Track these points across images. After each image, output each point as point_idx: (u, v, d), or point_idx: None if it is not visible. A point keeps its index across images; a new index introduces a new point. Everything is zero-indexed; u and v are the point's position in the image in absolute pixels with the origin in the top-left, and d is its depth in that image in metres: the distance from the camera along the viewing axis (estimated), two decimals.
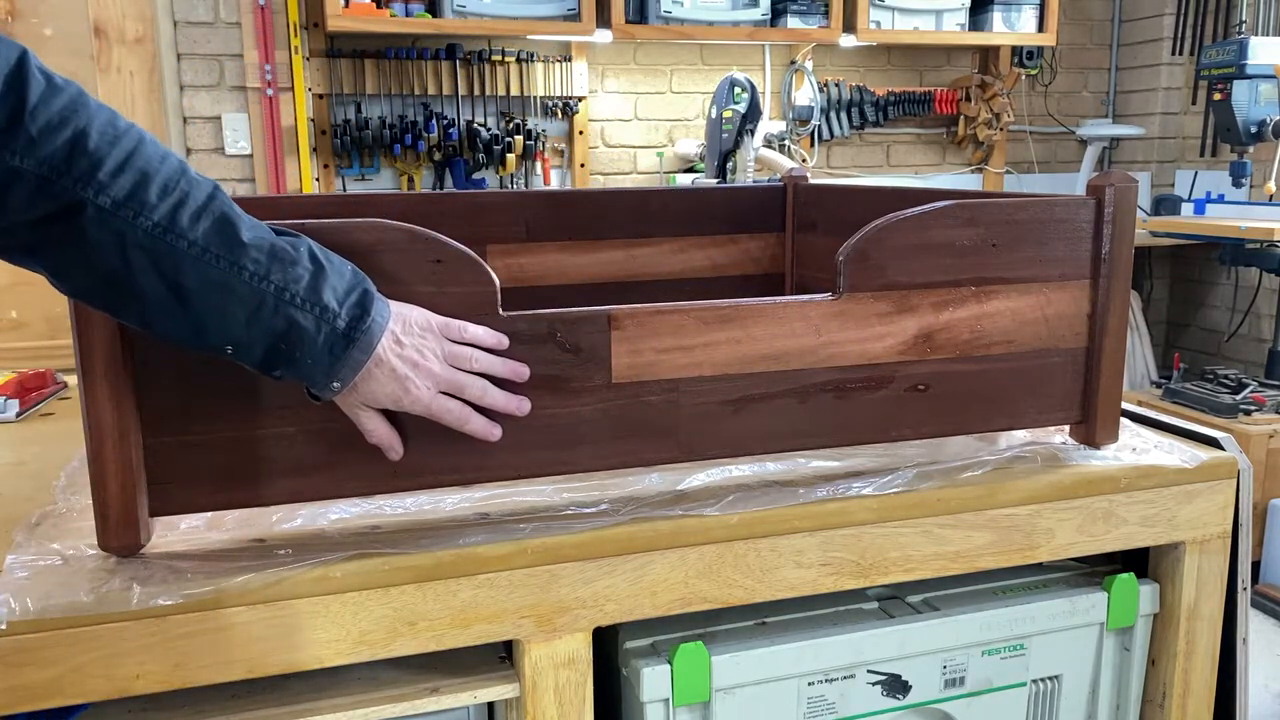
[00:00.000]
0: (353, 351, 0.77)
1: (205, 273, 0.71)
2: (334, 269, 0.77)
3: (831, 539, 0.95)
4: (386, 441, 0.83)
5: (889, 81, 3.98)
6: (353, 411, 0.81)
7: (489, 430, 0.85)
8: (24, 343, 3.11)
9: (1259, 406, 2.98)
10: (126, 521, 0.80)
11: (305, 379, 0.78)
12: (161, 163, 0.70)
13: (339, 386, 0.78)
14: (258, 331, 0.74)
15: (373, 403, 0.81)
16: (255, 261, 0.73)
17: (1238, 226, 3.21)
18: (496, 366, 0.85)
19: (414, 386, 0.80)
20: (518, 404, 0.86)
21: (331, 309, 0.75)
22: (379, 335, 0.78)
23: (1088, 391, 1.05)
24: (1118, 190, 1.00)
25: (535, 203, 1.39)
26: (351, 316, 0.76)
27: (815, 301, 0.93)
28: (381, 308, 0.79)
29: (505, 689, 0.89)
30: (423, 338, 0.81)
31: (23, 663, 0.75)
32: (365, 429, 0.82)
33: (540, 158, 3.54)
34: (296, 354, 0.75)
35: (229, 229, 0.72)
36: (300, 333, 0.74)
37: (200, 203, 0.71)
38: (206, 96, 3.19)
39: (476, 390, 0.84)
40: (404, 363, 0.80)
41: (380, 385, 0.79)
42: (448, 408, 0.83)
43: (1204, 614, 1.10)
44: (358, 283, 0.78)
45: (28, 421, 1.34)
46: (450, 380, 0.82)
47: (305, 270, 0.75)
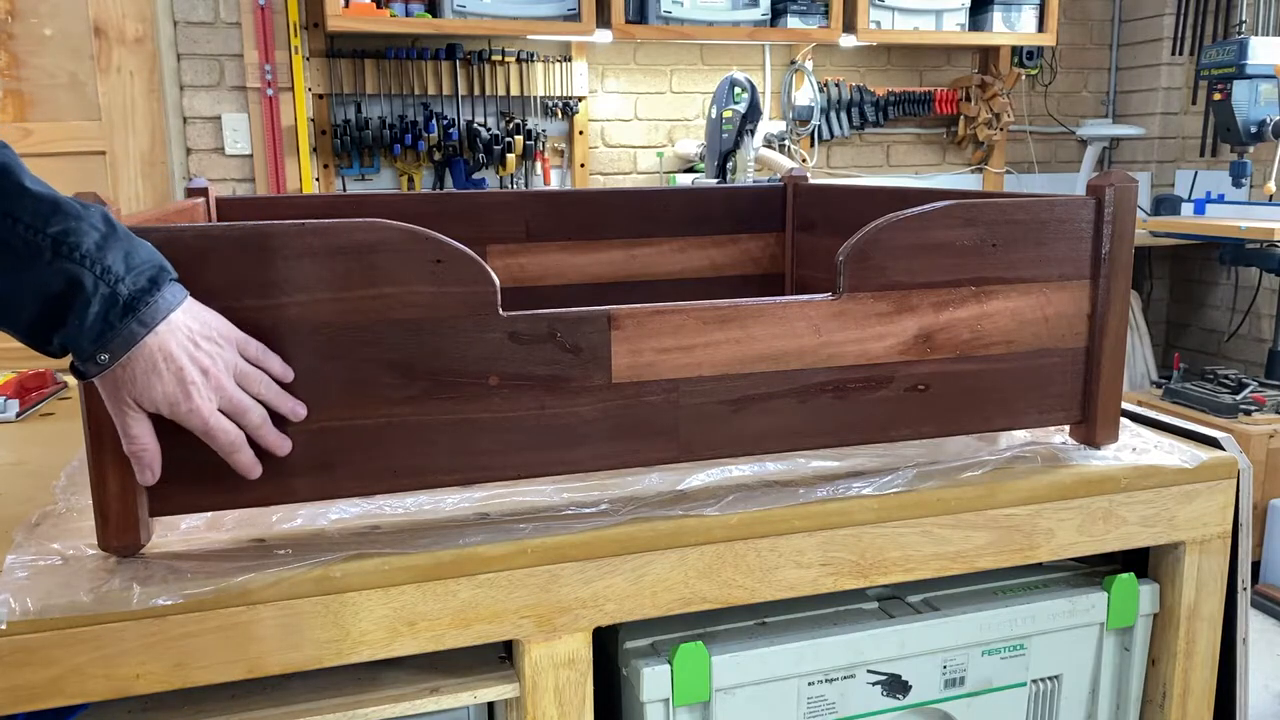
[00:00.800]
0: (130, 323, 0.70)
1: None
2: (133, 242, 0.72)
3: (831, 539, 0.95)
4: (149, 456, 0.76)
5: (889, 81, 3.98)
6: (119, 409, 0.74)
7: (252, 467, 0.79)
8: None
9: (1259, 406, 2.98)
10: (126, 521, 0.80)
11: (70, 344, 0.71)
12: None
13: (105, 360, 0.71)
14: (30, 286, 0.68)
15: (146, 403, 0.74)
16: (33, 213, 0.68)
17: (1238, 226, 3.21)
18: (279, 400, 0.80)
19: (197, 394, 0.74)
20: (283, 443, 0.80)
21: (115, 271, 0.69)
22: (163, 314, 0.72)
23: (1088, 391, 1.05)
24: (1118, 190, 1.01)
25: (535, 203, 1.39)
26: (138, 286, 0.71)
27: (815, 301, 0.93)
28: (177, 290, 0.73)
29: (505, 689, 0.89)
30: (219, 346, 0.76)
31: (23, 663, 0.75)
32: (128, 434, 0.75)
33: (540, 158, 3.54)
34: (65, 314, 0.69)
35: (6, 183, 0.68)
36: (75, 290, 0.68)
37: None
38: (206, 96, 3.19)
39: (255, 419, 0.78)
40: (195, 366, 0.74)
41: (162, 383, 0.73)
42: (224, 428, 0.77)
43: (1204, 614, 1.10)
44: (157, 261, 0.73)
45: (28, 421, 1.34)
46: (236, 401, 0.77)
47: (93, 228, 0.69)
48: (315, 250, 0.80)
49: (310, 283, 0.81)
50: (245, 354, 0.79)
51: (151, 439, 0.76)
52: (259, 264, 0.79)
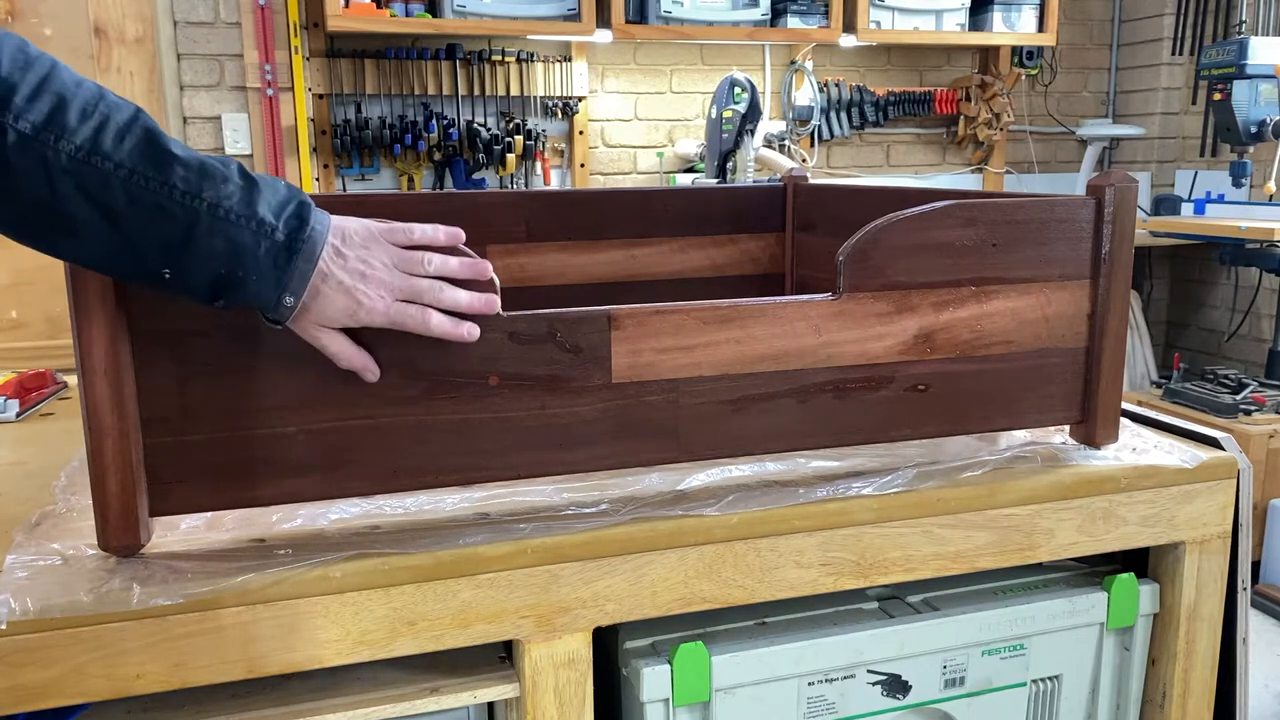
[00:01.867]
0: (297, 262, 0.74)
1: (134, 194, 0.69)
2: (267, 184, 0.75)
3: (831, 539, 0.95)
4: (359, 363, 0.80)
5: (889, 81, 3.98)
6: (313, 335, 0.78)
7: (456, 328, 0.81)
8: (24, 343, 3.11)
9: (1259, 406, 2.98)
10: (126, 521, 0.80)
11: (254, 299, 0.75)
12: (78, 87, 0.69)
13: (292, 301, 0.75)
14: (196, 253, 0.71)
15: (329, 322, 0.78)
16: (185, 180, 0.70)
17: (1238, 226, 3.21)
18: (453, 266, 0.82)
19: (365, 297, 0.77)
20: (485, 302, 0.82)
21: (268, 222, 0.73)
22: (321, 243, 0.75)
23: (1088, 391, 1.05)
24: (1118, 190, 1.01)
25: (535, 203, 1.39)
26: (290, 228, 0.74)
27: (815, 301, 0.93)
28: (321, 217, 0.77)
29: (505, 689, 0.89)
30: (365, 247, 0.79)
31: (23, 663, 0.75)
32: (331, 353, 0.79)
33: (540, 158, 3.54)
34: (239, 273, 0.72)
35: (155, 148, 0.70)
36: (240, 250, 0.72)
37: (122, 123, 0.69)
38: (206, 96, 3.19)
39: (433, 294, 0.80)
40: (350, 275, 0.77)
41: (330, 302, 0.76)
42: (407, 313, 0.79)
43: (1204, 614, 1.10)
44: (293, 195, 0.76)
45: (28, 421, 1.34)
46: (404, 286, 0.79)
47: (237, 186, 0.73)
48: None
49: None
50: (393, 240, 0.81)
51: (351, 348, 0.80)
52: None
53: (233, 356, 0.80)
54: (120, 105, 0.71)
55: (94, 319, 0.76)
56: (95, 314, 0.76)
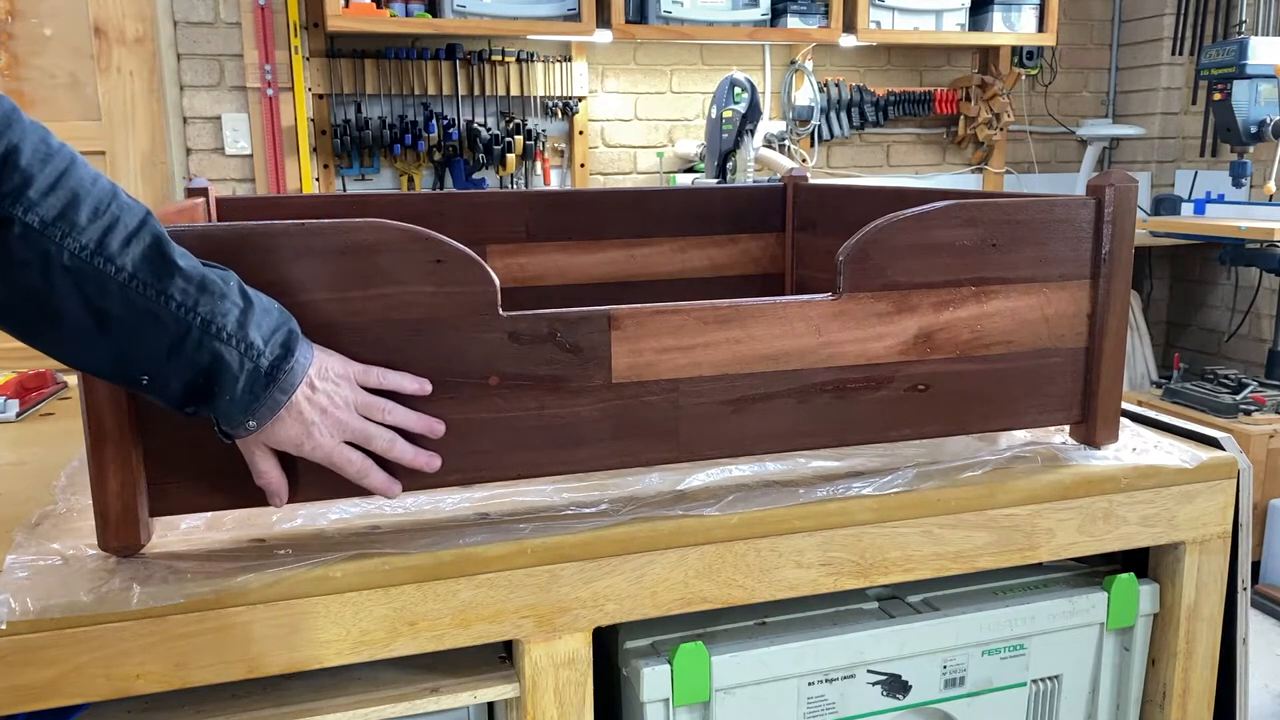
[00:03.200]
0: (272, 391, 0.75)
1: (131, 299, 0.69)
2: (261, 307, 0.75)
3: (831, 539, 0.95)
4: (275, 486, 0.81)
5: (889, 81, 3.98)
6: (249, 449, 0.79)
7: (389, 487, 0.83)
8: None
9: (1259, 406, 2.98)
10: (126, 521, 0.80)
11: (221, 416, 0.76)
12: (93, 184, 0.69)
13: (254, 426, 0.76)
14: (178, 364, 0.72)
15: (273, 444, 0.79)
16: (184, 292, 0.71)
17: (1238, 226, 3.21)
18: (411, 421, 0.83)
19: (318, 433, 0.78)
20: (426, 460, 0.84)
21: (256, 346, 0.74)
22: (300, 377, 0.77)
23: (1088, 391, 1.05)
24: (1118, 190, 1.01)
25: (535, 203, 1.39)
26: (275, 356, 0.75)
27: (815, 301, 0.93)
28: (305, 349, 0.78)
29: (505, 689, 0.89)
30: (336, 384, 0.79)
31: (23, 663, 0.75)
32: (257, 469, 0.80)
33: (540, 158, 3.54)
34: (215, 389, 0.73)
35: (159, 256, 0.70)
36: (222, 368, 0.73)
37: (131, 228, 0.69)
38: (206, 96, 3.19)
39: (383, 443, 0.82)
40: (313, 407, 0.78)
41: (286, 427, 0.77)
42: (349, 458, 0.80)
43: (1204, 614, 1.10)
44: (284, 322, 0.77)
45: (28, 421, 1.34)
46: (358, 430, 0.80)
47: (234, 305, 0.73)
48: (315, 250, 0.80)
49: (310, 283, 0.81)
50: (364, 383, 0.81)
51: (278, 472, 0.81)
52: (259, 264, 0.79)
53: None
54: (131, 207, 0.70)
55: None
56: None
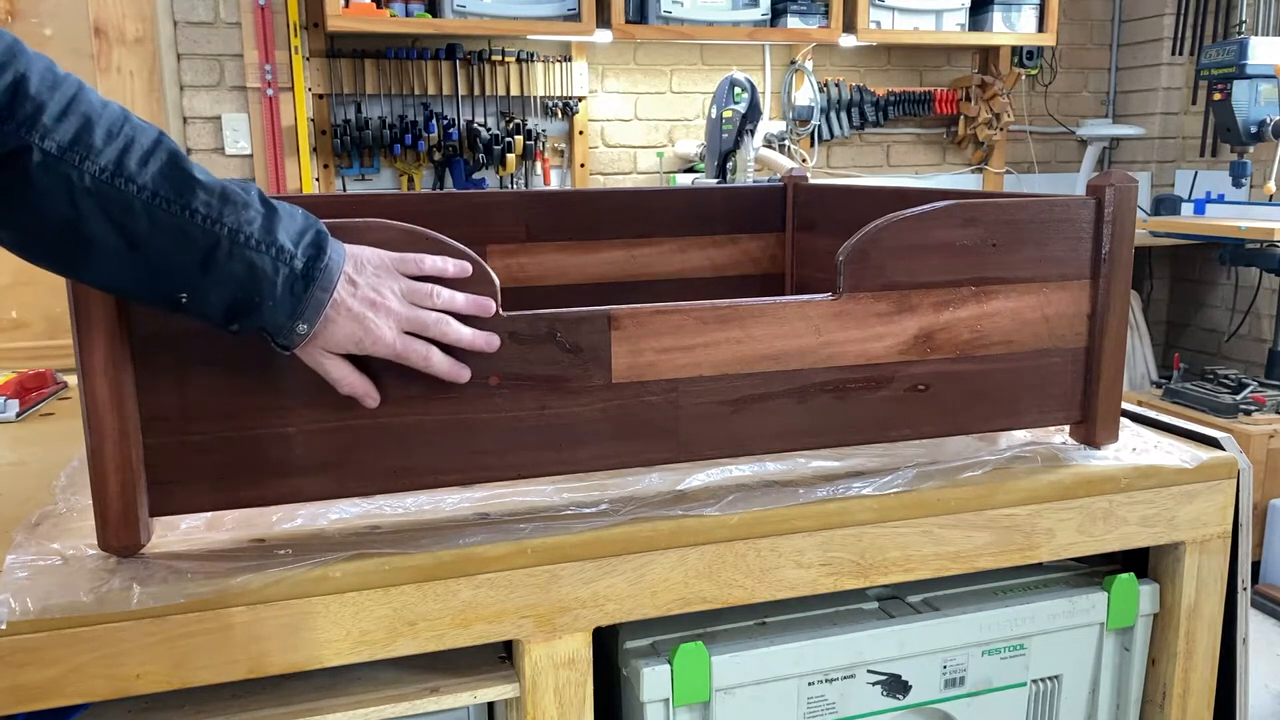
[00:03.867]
0: (314, 290, 0.75)
1: (156, 216, 0.69)
2: (286, 211, 0.75)
3: (831, 539, 0.95)
4: (361, 389, 0.81)
5: (889, 81, 3.98)
6: (317, 361, 0.79)
7: (455, 370, 0.83)
8: (24, 343, 3.11)
9: (1259, 406, 2.98)
10: (126, 521, 0.80)
11: (268, 325, 0.75)
12: (104, 108, 0.69)
13: (305, 329, 0.76)
14: (215, 277, 0.72)
15: (335, 348, 0.78)
16: (206, 204, 0.71)
17: (1238, 226, 3.21)
18: (459, 301, 0.82)
19: (374, 326, 0.78)
20: (485, 340, 0.83)
21: (287, 249, 0.74)
22: (337, 273, 0.76)
23: (1088, 391, 1.05)
24: (1118, 190, 1.01)
25: (535, 203, 1.39)
26: (308, 256, 0.75)
27: (815, 301, 0.93)
28: (337, 246, 0.77)
29: (505, 689, 0.89)
30: (377, 275, 0.79)
31: (23, 663, 0.75)
32: (334, 378, 0.80)
33: (540, 158, 3.54)
34: (256, 299, 0.73)
35: (178, 172, 0.71)
36: (258, 275, 0.72)
37: (147, 147, 0.70)
38: (206, 96, 3.19)
39: (439, 328, 0.81)
40: (361, 302, 0.78)
41: (339, 328, 0.77)
42: (413, 347, 0.80)
43: (1204, 614, 1.10)
44: (310, 224, 0.77)
45: (28, 421, 1.34)
46: (411, 318, 0.80)
47: (257, 213, 0.73)
48: None
49: None
50: (404, 270, 0.81)
51: (354, 374, 0.80)
52: None
53: (233, 356, 0.80)
54: (144, 128, 0.71)
55: (94, 320, 0.76)
56: (95, 315, 0.76)
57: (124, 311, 0.77)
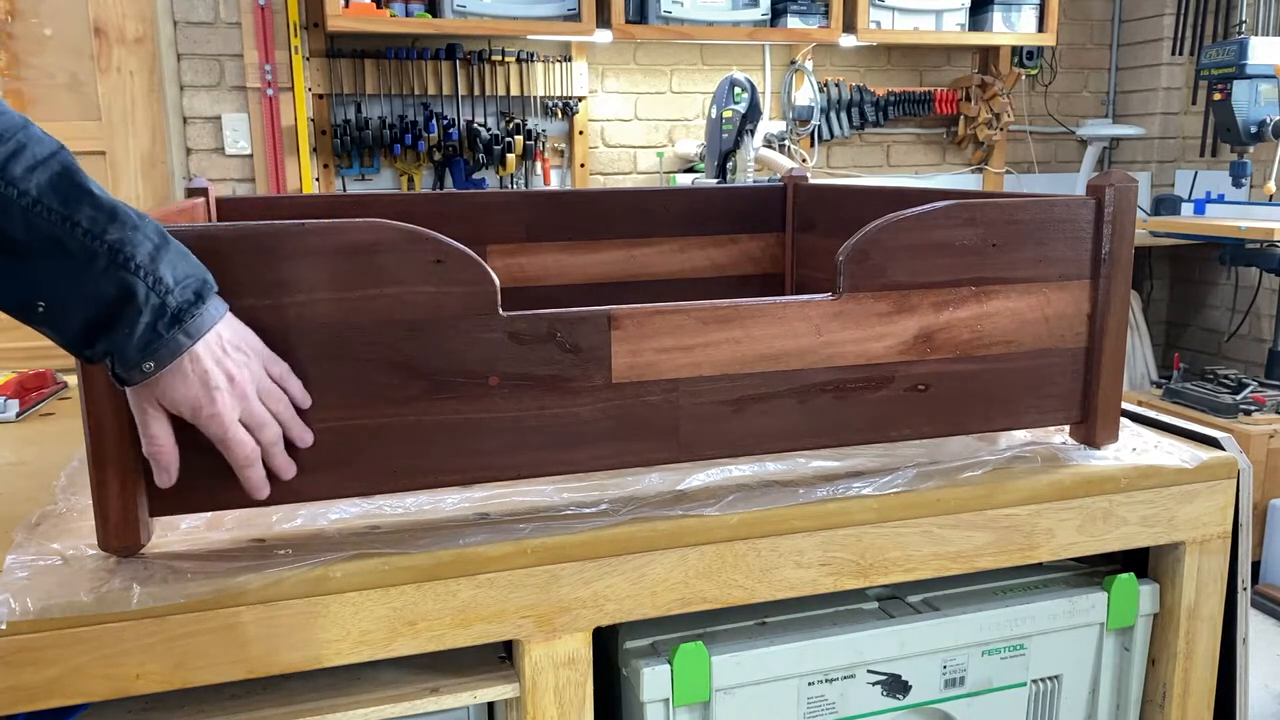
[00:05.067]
0: (177, 334, 0.71)
1: (32, 223, 0.67)
2: (180, 252, 0.73)
3: (831, 539, 0.95)
4: (166, 457, 0.76)
5: (889, 81, 3.98)
6: (141, 409, 0.74)
7: (261, 486, 0.79)
8: (24, 343, 3.11)
9: (1259, 406, 2.98)
10: (126, 521, 0.80)
11: (117, 353, 0.71)
12: (1, 115, 0.68)
13: (150, 369, 0.72)
14: (81, 294, 0.69)
15: (169, 405, 0.74)
16: (92, 220, 0.68)
17: (1238, 226, 3.21)
18: (293, 423, 0.80)
19: (221, 400, 0.74)
20: (289, 469, 0.81)
21: (166, 283, 0.70)
22: (208, 326, 0.73)
23: (1088, 391, 1.05)
24: (1118, 190, 1.01)
25: (535, 203, 1.39)
26: (184, 299, 0.72)
27: (815, 301, 0.93)
28: (219, 305, 0.75)
29: (505, 689, 0.89)
30: (248, 356, 0.76)
31: (23, 663, 0.75)
32: (148, 434, 0.75)
33: (540, 158, 3.54)
34: (115, 322, 0.69)
35: (68, 184, 0.68)
36: (127, 299, 0.69)
37: (40, 156, 0.68)
38: (206, 96, 3.19)
39: (271, 435, 0.78)
40: (220, 371, 0.74)
41: (187, 386, 0.73)
42: (242, 439, 0.76)
43: (1204, 614, 1.10)
44: (202, 273, 0.74)
45: (28, 421, 1.34)
46: (257, 414, 0.77)
47: (147, 239, 0.70)
48: (315, 250, 0.80)
49: (310, 283, 0.81)
50: (270, 372, 0.79)
51: (170, 440, 0.76)
52: (259, 264, 0.79)
53: None
54: (42, 139, 0.69)
55: None
56: None
57: None
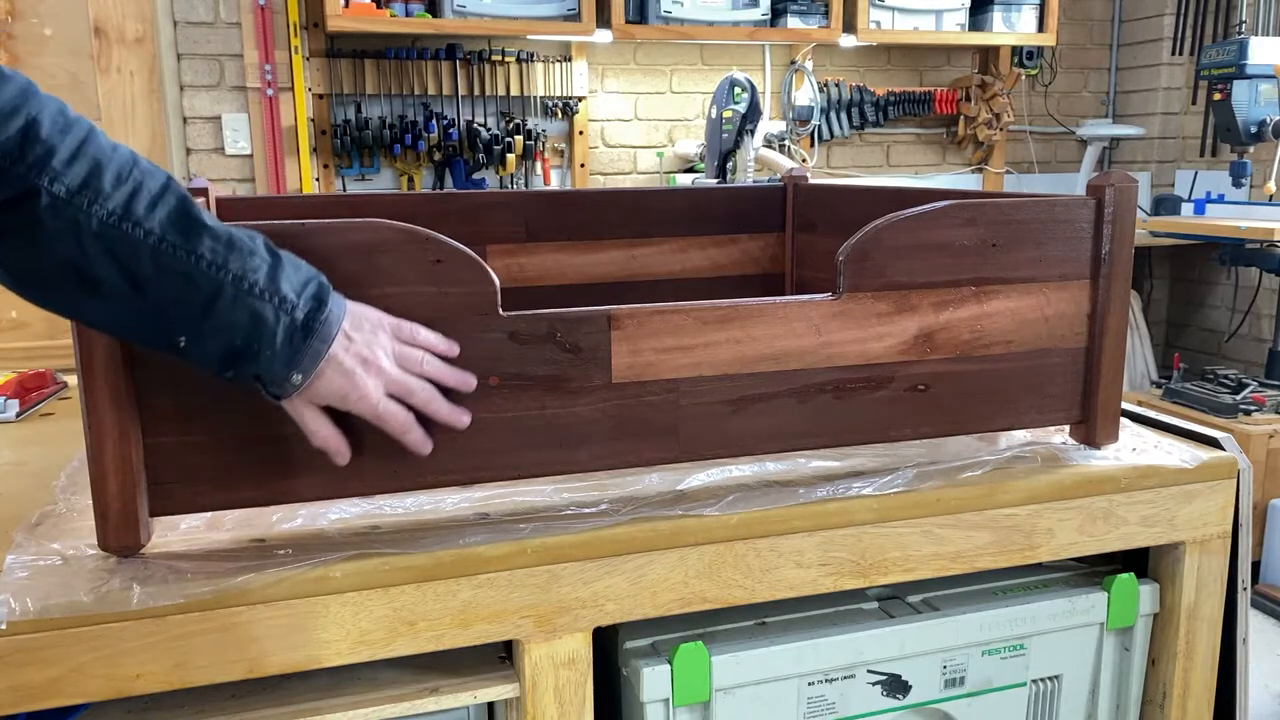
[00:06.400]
0: (312, 342, 0.75)
1: (162, 261, 0.70)
2: (290, 261, 0.76)
3: (831, 539, 0.95)
4: (334, 445, 0.80)
5: (889, 81, 3.98)
6: (298, 411, 0.79)
7: (424, 445, 0.83)
8: (24, 343, 3.11)
9: (1259, 406, 2.98)
10: (126, 521, 0.80)
11: (264, 373, 0.75)
12: (114, 152, 0.70)
13: (300, 380, 0.76)
14: (215, 323, 0.72)
15: (319, 400, 0.78)
16: (213, 250, 0.71)
17: (1238, 226, 3.21)
18: (445, 374, 0.83)
19: (362, 383, 0.78)
20: (459, 416, 0.84)
21: (290, 299, 0.74)
22: (337, 326, 0.76)
23: (1088, 391, 1.05)
24: (1118, 190, 1.01)
25: (535, 203, 1.39)
26: (309, 307, 0.75)
27: (815, 301, 0.93)
28: (338, 300, 0.78)
29: (505, 689, 0.89)
30: (373, 334, 0.79)
31: (23, 663, 0.75)
32: (309, 430, 0.79)
33: (540, 158, 3.54)
34: (255, 346, 0.73)
35: (186, 218, 0.71)
36: (260, 324, 0.73)
37: (155, 191, 0.70)
38: (206, 96, 3.19)
39: (423, 396, 0.81)
40: (354, 358, 0.77)
41: (329, 381, 0.77)
42: (393, 412, 0.80)
43: (1204, 614, 1.10)
44: (314, 275, 0.77)
45: (28, 421, 1.34)
46: (400, 382, 0.80)
47: (263, 260, 0.73)
48: (316, 250, 0.80)
49: None
50: (399, 336, 0.81)
51: (331, 429, 0.80)
52: None
53: None
54: (153, 172, 0.72)
55: None
56: None
57: None
